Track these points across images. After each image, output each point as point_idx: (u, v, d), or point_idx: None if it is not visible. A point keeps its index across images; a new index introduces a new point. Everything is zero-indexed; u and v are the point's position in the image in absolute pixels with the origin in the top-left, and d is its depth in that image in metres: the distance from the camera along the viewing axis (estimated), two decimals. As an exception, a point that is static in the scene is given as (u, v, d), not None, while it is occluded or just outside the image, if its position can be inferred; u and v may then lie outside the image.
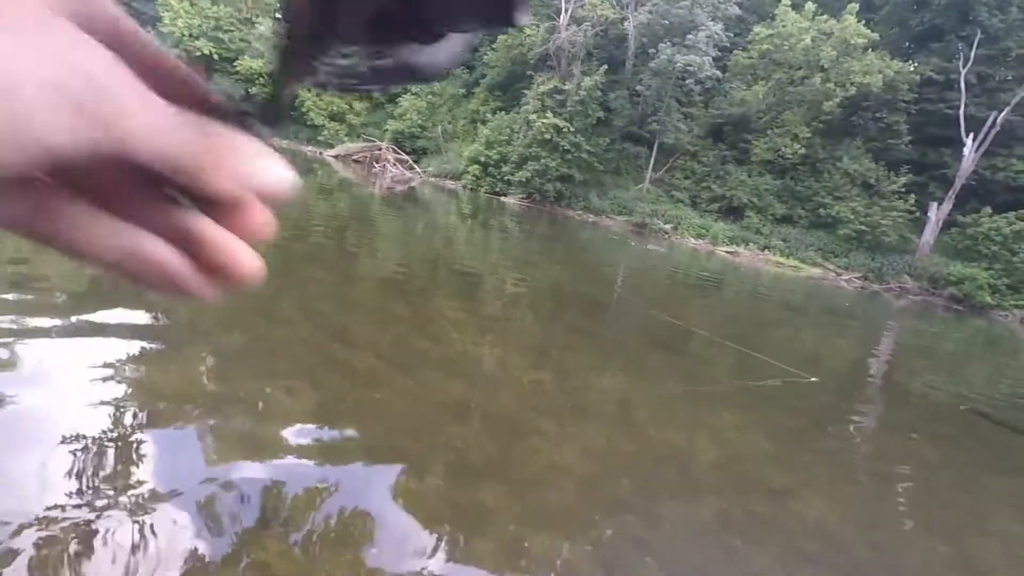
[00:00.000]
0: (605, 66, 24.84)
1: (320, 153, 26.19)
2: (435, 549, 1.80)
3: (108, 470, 1.82)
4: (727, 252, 22.04)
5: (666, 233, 23.02)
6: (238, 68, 27.50)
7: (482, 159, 24.82)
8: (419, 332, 4.11)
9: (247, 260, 0.22)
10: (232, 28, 29.05)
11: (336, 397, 2.72)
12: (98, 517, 1.60)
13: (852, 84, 23.06)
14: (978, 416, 5.32)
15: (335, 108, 28.26)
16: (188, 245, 0.22)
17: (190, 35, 27.90)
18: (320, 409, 2.55)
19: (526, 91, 25.80)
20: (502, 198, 24.15)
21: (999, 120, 22.32)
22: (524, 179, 23.97)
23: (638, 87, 25.42)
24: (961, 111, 23.35)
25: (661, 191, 25.86)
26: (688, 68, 23.55)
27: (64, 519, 1.57)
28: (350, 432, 2.39)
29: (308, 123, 28.11)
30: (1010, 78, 24.01)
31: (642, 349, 5.32)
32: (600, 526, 2.17)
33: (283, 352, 3.13)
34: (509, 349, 4.29)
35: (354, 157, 25.75)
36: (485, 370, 3.71)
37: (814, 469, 3.30)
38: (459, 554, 1.80)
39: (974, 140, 22.76)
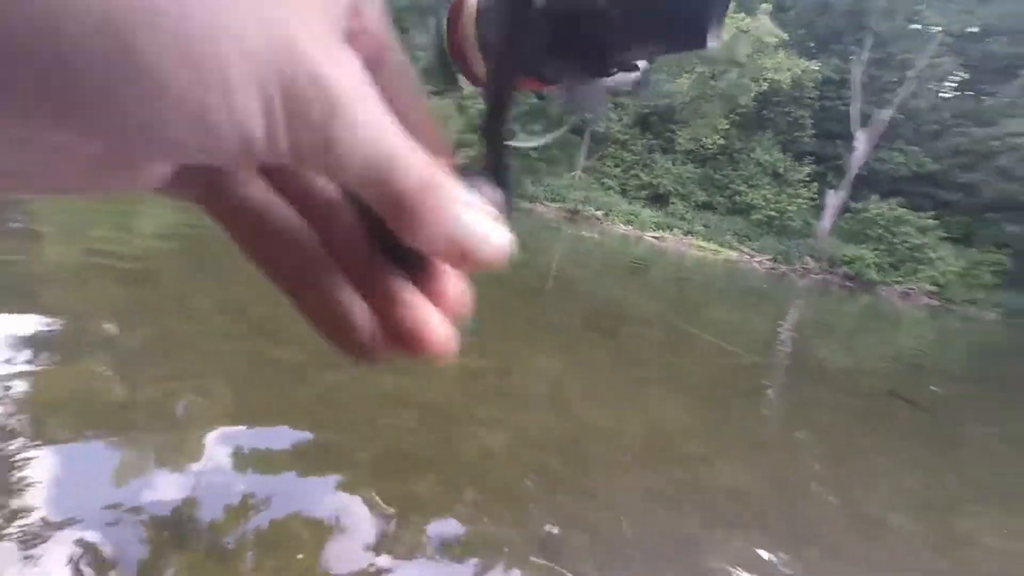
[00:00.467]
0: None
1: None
2: (375, 547, 1.77)
3: (-11, 493, 1.62)
4: (654, 237, 23.13)
5: (598, 220, 23.72)
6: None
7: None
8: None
9: (441, 332, 0.19)
10: None
11: (262, 396, 2.58)
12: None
13: (765, 80, 24.77)
14: (882, 390, 6.02)
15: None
16: (380, 302, 0.20)
17: None
18: (241, 408, 2.41)
19: (458, 76, 25.33)
20: (436, 184, 23.70)
21: (884, 118, 24.99)
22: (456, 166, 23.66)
23: (570, 75, 25.76)
24: (853, 108, 25.90)
25: (593, 179, 26.56)
26: (617, 58, 24.17)
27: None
28: (279, 433, 2.28)
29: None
30: (895, 80, 26.85)
31: (576, 332, 5.49)
32: (535, 506, 2.24)
33: (198, 349, 2.91)
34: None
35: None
36: (419, 362, 3.66)
37: (731, 438, 3.59)
38: (401, 548, 1.79)
39: (865, 135, 25.36)
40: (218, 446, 2.06)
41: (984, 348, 13.82)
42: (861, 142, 25.40)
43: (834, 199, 25.31)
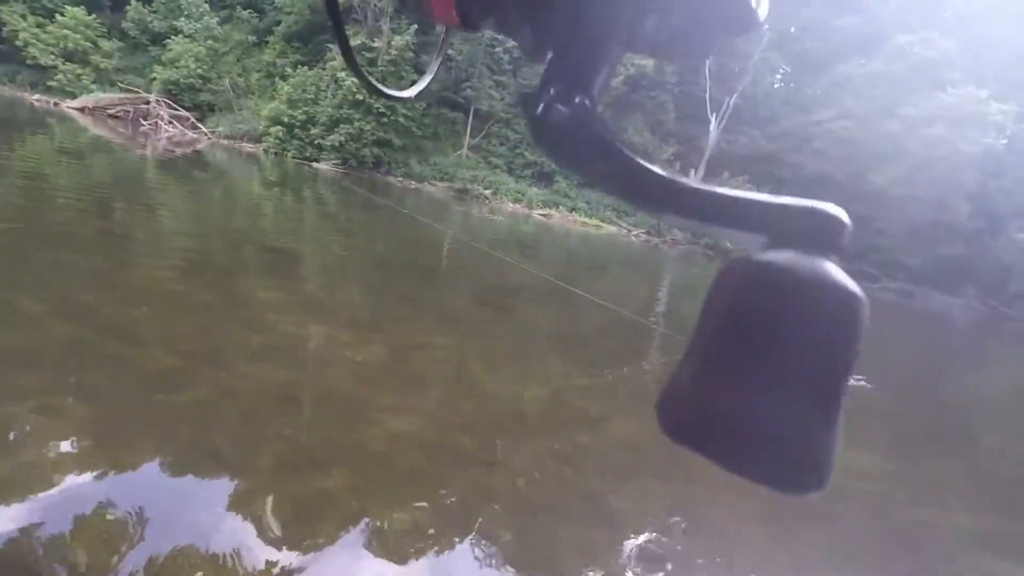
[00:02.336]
0: (415, 26, 23.99)
1: (55, 104, 20.25)
2: (282, 552, 1.67)
3: None
4: (541, 215, 24.00)
5: (486, 198, 23.93)
6: None
7: (285, 119, 22.09)
8: (228, 320, 3.60)
9: None
10: None
11: (121, 407, 2.25)
12: None
13: (633, 65, 26.58)
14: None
15: (71, 45, 21.76)
16: None
17: None
18: (99, 427, 2.08)
19: (331, 45, 23.53)
20: (314, 164, 22.02)
21: (731, 103, 28.34)
22: (337, 143, 22.15)
23: (450, 51, 25.26)
24: (707, 94, 28.99)
25: (479, 157, 26.60)
26: (496, 37, 24.22)
27: None
28: (147, 446, 2.02)
29: (30, 62, 21.26)
30: (736, 70, 30.43)
31: (472, 310, 5.55)
32: (447, 484, 2.27)
33: (36, 360, 2.44)
34: (336, 326, 4.05)
35: (111, 112, 20.55)
36: (312, 353, 3.45)
37: (620, 396, 3.93)
38: (311, 546, 1.71)
39: (716, 119, 28.58)
40: (74, 469, 1.77)
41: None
42: (714, 125, 28.66)
43: (694, 177, 28.34)
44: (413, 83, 0.57)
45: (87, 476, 1.78)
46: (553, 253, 13.48)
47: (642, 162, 0.26)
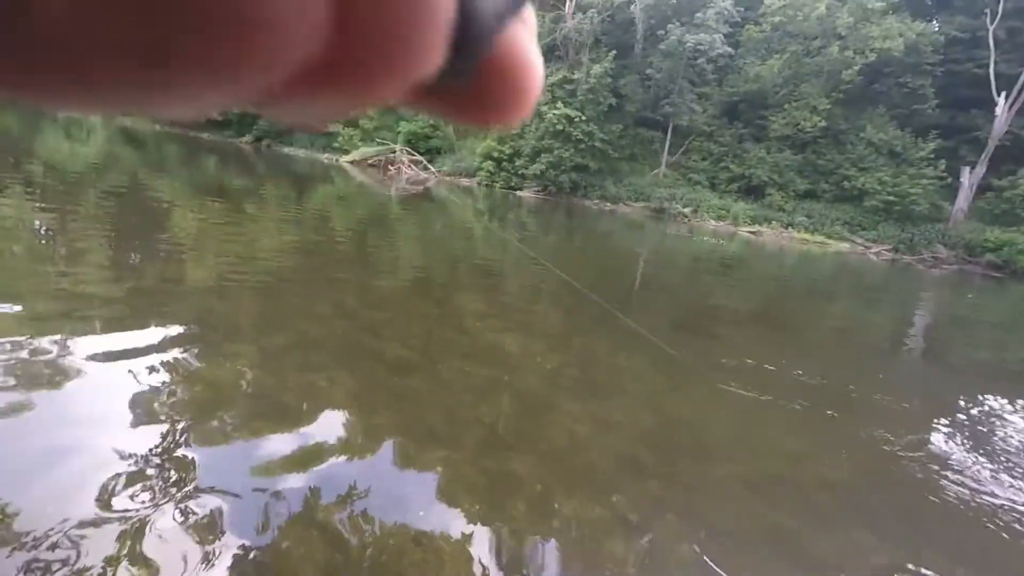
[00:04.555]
0: (614, 52, 24.62)
1: (336, 160, 26.73)
2: (477, 519, 1.96)
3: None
4: (749, 232, 21.71)
5: (685, 217, 22.78)
6: None
7: (495, 154, 24.93)
8: (444, 325, 4.29)
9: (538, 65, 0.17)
10: None
11: (372, 382, 2.91)
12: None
13: (872, 50, 22.33)
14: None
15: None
16: None
17: None
18: (360, 395, 2.74)
19: (536, 83, 25.73)
20: (517, 192, 24.24)
21: (1032, 76, 21.30)
22: (538, 172, 23.99)
23: (648, 70, 25.12)
24: (991, 69, 22.38)
25: (678, 175, 25.56)
26: (699, 47, 23.19)
27: None
28: (388, 414, 2.57)
29: (323, 131, 28.66)
30: (1044, 30, 22.87)
31: (665, 331, 5.40)
32: (621, 488, 2.30)
33: (325, 345, 3.34)
34: (530, 337, 4.44)
35: (369, 162, 26.17)
36: (509, 357, 3.87)
37: (820, 429, 3.36)
38: (500, 518, 1.96)
39: (1006, 99, 21.78)
40: (342, 423, 2.39)
41: None
42: (1002, 108, 21.84)
43: (970, 176, 22.02)
44: (611, 107, 0.56)
45: (350, 425, 2.37)
46: (756, 280, 12.10)
47: None
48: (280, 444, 2.19)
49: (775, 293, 9.59)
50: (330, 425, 2.38)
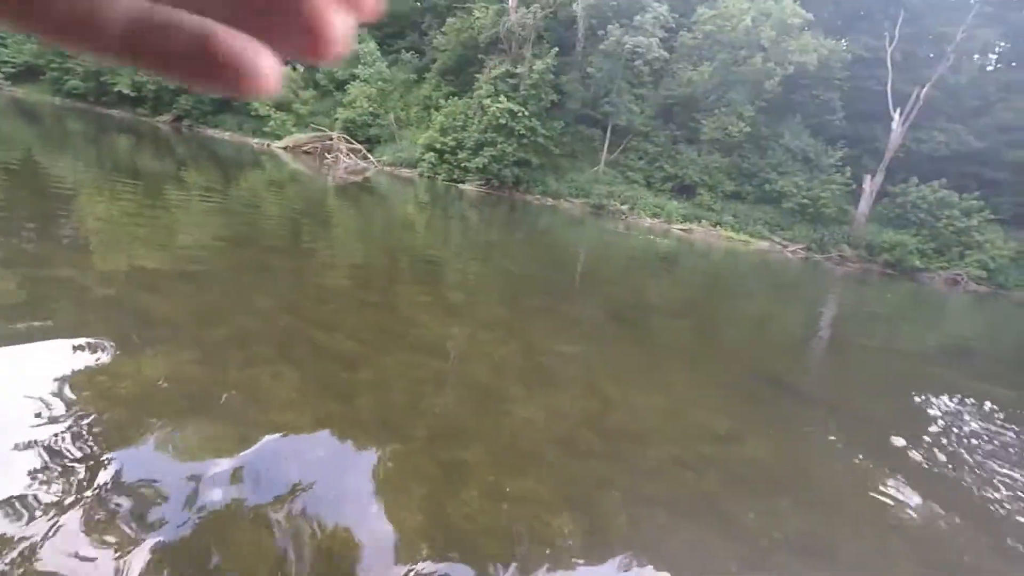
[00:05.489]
0: (556, 48, 24.94)
1: (267, 145, 25.27)
2: (430, 506, 1.99)
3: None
4: (682, 230, 22.90)
5: (623, 214, 23.63)
6: None
7: (437, 146, 24.58)
8: (391, 317, 4.24)
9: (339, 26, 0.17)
10: None
11: (319, 376, 2.85)
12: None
13: (790, 63, 24.14)
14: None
15: (280, 97, 27.11)
16: None
17: None
18: (305, 388, 2.67)
19: (478, 75, 25.62)
20: (460, 185, 24.08)
21: (922, 95, 23.99)
22: (481, 165, 23.93)
23: (589, 69, 25.70)
24: (888, 87, 24.94)
25: (616, 172, 26.42)
26: (637, 49, 24.01)
27: None
28: (336, 407, 2.53)
29: (252, 114, 26.95)
30: (931, 55, 25.77)
31: (600, 323, 5.63)
32: (568, 470, 2.42)
33: (267, 338, 3.21)
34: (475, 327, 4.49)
35: (304, 148, 24.97)
36: (457, 347, 3.90)
37: (748, 413, 3.69)
38: (455, 504, 2.00)
39: (901, 114, 24.39)
40: (289, 415, 2.33)
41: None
42: (897, 123, 24.46)
43: (871, 183, 24.47)
44: (553, 103, 0.65)
45: (298, 419, 2.32)
46: (688, 274, 12.83)
47: None
48: (222, 442, 2.11)
49: (705, 285, 10.24)
50: (276, 420, 2.31)
